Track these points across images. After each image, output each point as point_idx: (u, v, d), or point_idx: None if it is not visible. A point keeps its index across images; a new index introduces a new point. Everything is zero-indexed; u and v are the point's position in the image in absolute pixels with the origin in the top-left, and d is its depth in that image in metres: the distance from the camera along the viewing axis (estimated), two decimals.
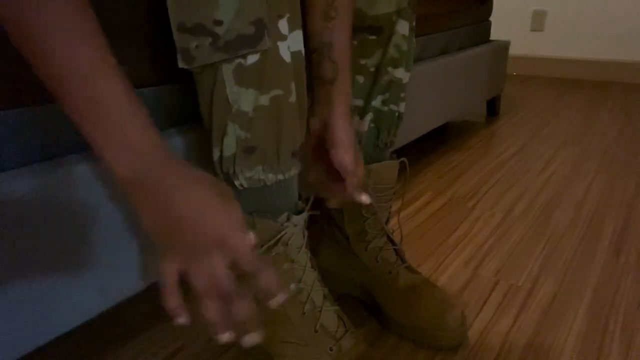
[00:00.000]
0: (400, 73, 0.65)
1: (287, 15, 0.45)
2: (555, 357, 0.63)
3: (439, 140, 1.58)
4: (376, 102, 0.66)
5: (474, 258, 0.87)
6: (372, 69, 0.64)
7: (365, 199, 0.57)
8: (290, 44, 0.46)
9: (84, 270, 0.52)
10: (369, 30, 0.62)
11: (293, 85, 0.47)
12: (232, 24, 0.42)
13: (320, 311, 0.56)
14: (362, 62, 0.64)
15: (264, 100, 0.46)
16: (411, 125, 1.19)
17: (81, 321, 0.53)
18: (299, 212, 0.54)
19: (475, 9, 1.56)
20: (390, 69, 0.64)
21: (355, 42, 0.63)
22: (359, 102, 0.66)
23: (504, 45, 1.73)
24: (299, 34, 0.47)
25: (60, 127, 0.51)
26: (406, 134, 1.17)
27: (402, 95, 0.67)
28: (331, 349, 0.56)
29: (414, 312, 0.66)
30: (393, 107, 0.67)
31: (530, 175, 1.26)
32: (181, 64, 0.45)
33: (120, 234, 0.55)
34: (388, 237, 0.71)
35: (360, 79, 0.65)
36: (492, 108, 1.87)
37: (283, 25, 0.44)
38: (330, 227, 0.74)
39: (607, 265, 0.84)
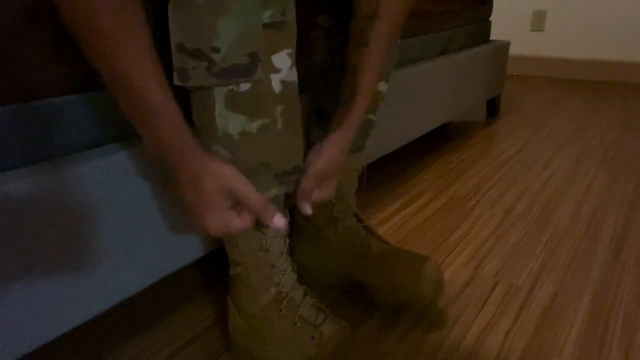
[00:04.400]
0: (380, 85, 0.66)
1: (288, 50, 0.48)
2: (555, 357, 0.63)
3: (439, 140, 1.58)
4: None
5: (474, 258, 0.87)
6: None
7: (307, 210, 0.57)
8: (285, 76, 0.48)
9: (84, 270, 0.52)
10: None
11: (279, 113, 0.50)
12: (229, 53, 0.44)
13: (299, 306, 0.58)
14: None
15: (252, 127, 0.49)
16: (411, 125, 1.19)
17: (81, 321, 0.53)
18: None
19: (475, 9, 1.56)
20: None
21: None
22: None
23: (504, 45, 1.73)
24: (294, 68, 0.50)
25: (61, 127, 0.51)
26: (406, 134, 1.17)
27: (381, 105, 0.69)
28: (313, 337, 0.56)
29: (392, 273, 0.67)
30: (371, 116, 0.69)
31: (530, 175, 1.26)
32: (176, 82, 0.47)
33: (120, 234, 0.55)
34: (356, 216, 0.73)
35: None
36: (492, 108, 1.87)
37: (279, 59, 0.47)
38: (301, 222, 0.76)
39: (607, 265, 0.84)
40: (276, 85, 0.48)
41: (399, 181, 1.24)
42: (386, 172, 1.30)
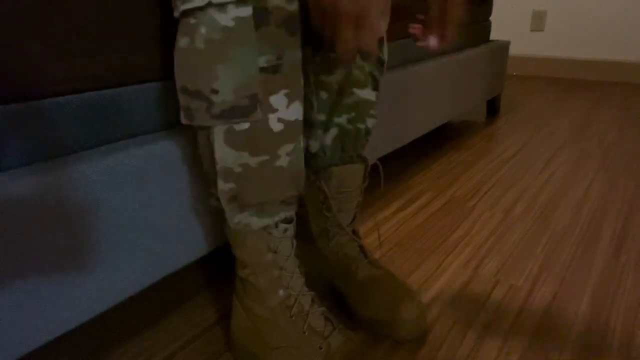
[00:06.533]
0: (367, 93, 0.65)
1: (285, 91, 0.50)
2: (556, 357, 0.63)
3: (439, 140, 1.58)
4: (341, 120, 0.66)
5: (474, 258, 0.87)
6: (336, 86, 0.64)
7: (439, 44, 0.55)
8: (283, 115, 0.51)
9: (84, 270, 0.52)
10: (331, 47, 0.62)
11: (282, 151, 0.52)
12: (228, 96, 0.47)
13: (308, 314, 0.57)
14: (325, 78, 0.64)
15: (252, 162, 0.51)
16: (411, 125, 1.19)
17: (81, 321, 0.53)
18: (289, 222, 0.58)
19: (475, 9, 1.56)
20: (355, 89, 0.64)
21: (318, 59, 0.63)
22: (322, 117, 0.66)
23: (504, 45, 1.73)
24: (296, 105, 0.52)
25: (61, 127, 0.51)
26: (406, 134, 1.17)
27: (372, 112, 0.68)
28: (321, 348, 0.56)
29: (371, 303, 0.67)
30: (359, 125, 0.67)
31: (530, 175, 1.26)
32: (183, 121, 0.51)
33: (120, 234, 0.55)
34: (354, 231, 0.72)
35: (324, 94, 0.65)
36: (492, 108, 1.87)
37: (276, 99, 0.50)
38: (299, 225, 0.76)
39: (607, 265, 0.84)
40: (274, 124, 0.50)
41: (399, 181, 1.24)
42: (386, 172, 1.30)
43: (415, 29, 0.56)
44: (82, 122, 0.53)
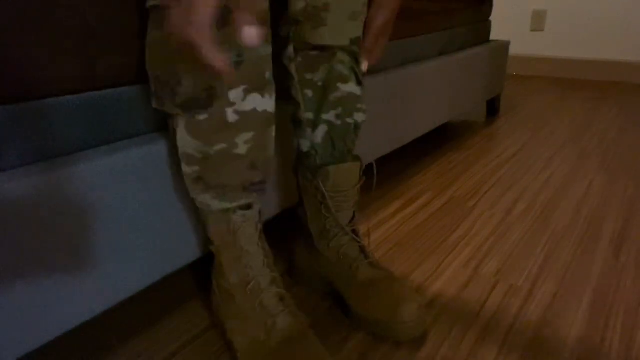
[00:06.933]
0: (351, 87, 0.66)
1: (244, 86, 0.52)
2: (555, 357, 0.63)
3: (439, 140, 1.58)
4: (329, 116, 0.67)
5: (474, 258, 0.87)
6: (320, 84, 0.65)
7: (362, 67, 0.65)
8: (238, 107, 0.53)
9: (84, 270, 0.52)
10: (312, 48, 0.64)
11: (240, 140, 0.55)
12: (189, 88, 0.50)
13: (262, 292, 0.61)
14: (309, 77, 0.65)
15: (211, 150, 0.54)
16: (411, 125, 1.19)
17: (81, 321, 0.53)
18: (247, 208, 0.61)
19: (475, 8, 1.56)
20: (339, 84, 0.65)
21: (300, 59, 0.64)
22: (310, 116, 0.67)
23: (504, 45, 1.73)
24: (253, 96, 0.54)
25: (61, 127, 0.51)
26: (406, 134, 1.17)
27: (359, 106, 0.68)
28: (266, 324, 0.59)
29: (371, 304, 0.67)
30: (348, 119, 0.68)
31: (530, 175, 1.26)
32: (154, 105, 0.55)
33: (120, 234, 0.55)
34: (354, 231, 0.73)
35: (309, 93, 0.66)
36: (492, 108, 1.87)
37: (234, 94, 0.52)
38: (301, 226, 0.77)
39: (607, 265, 0.84)
40: (230, 116, 0.53)
41: (399, 181, 1.24)
42: (386, 172, 1.30)
43: None
44: (82, 122, 0.53)
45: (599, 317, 0.71)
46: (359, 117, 0.69)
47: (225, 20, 0.48)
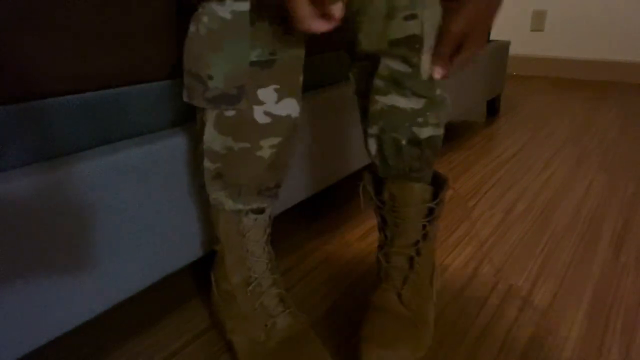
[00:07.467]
0: (394, 99, 0.59)
1: (275, 86, 0.52)
2: (555, 357, 0.63)
3: None
4: (373, 130, 0.63)
5: (474, 258, 0.87)
6: (364, 93, 0.63)
7: (435, 74, 0.55)
8: (271, 109, 0.53)
9: (84, 270, 0.52)
10: (363, 58, 0.60)
11: (265, 143, 0.55)
12: (220, 83, 0.51)
13: (263, 293, 0.61)
14: (360, 87, 0.63)
15: (235, 146, 0.54)
16: None
17: (81, 321, 0.53)
18: (260, 212, 0.61)
19: None
20: (377, 97, 0.60)
21: (355, 69, 0.63)
22: (363, 126, 0.66)
23: (504, 45, 1.73)
24: (289, 102, 0.54)
25: (61, 127, 0.51)
26: None
27: (419, 120, 0.60)
28: (266, 325, 0.59)
29: (373, 329, 0.59)
30: (394, 135, 0.61)
31: (530, 175, 1.26)
32: (185, 98, 0.55)
33: (120, 234, 0.55)
34: (411, 259, 0.64)
35: (360, 102, 0.65)
36: (492, 108, 1.87)
37: (264, 93, 0.52)
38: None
39: (607, 265, 0.84)
40: (259, 116, 0.53)
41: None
42: None
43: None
44: (82, 122, 0.53)
45: (599, 317, 0.71)
46: (411, 133, 0.60)
47: (261, 16, 0.48)
